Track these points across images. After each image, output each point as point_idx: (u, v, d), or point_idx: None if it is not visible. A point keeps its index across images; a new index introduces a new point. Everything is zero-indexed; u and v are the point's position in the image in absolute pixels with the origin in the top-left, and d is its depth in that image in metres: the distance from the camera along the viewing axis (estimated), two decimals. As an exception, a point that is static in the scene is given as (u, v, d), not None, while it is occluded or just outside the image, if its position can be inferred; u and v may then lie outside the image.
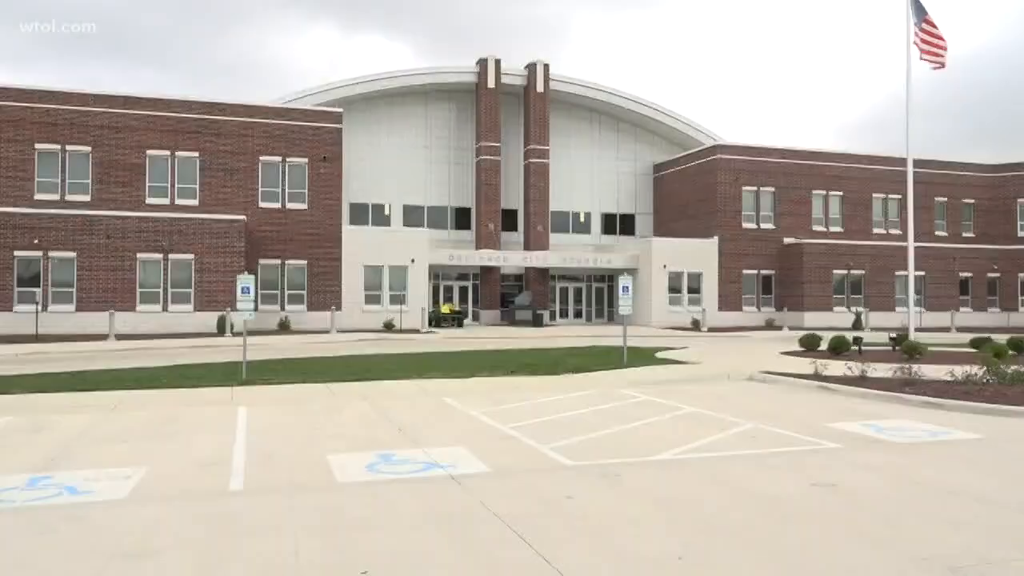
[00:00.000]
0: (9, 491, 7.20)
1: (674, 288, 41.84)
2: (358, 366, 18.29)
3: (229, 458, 8.67)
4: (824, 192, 44.75)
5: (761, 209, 43.65)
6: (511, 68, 43.92)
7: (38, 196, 32.14)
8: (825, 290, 42.20)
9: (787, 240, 43.48)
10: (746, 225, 43.29)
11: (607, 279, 45.48)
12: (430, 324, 36.92)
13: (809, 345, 23.06)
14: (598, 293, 46.06)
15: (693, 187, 44.73)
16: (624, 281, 19.19)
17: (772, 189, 43.71)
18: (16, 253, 29.58)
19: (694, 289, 42.25)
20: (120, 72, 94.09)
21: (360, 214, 42.30)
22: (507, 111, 44.45)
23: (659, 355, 21.62)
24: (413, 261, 36.91)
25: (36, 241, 29.74)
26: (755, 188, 43.45)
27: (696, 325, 39.05)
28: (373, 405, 12.71)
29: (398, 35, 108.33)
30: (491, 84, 43.06)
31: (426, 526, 6.20)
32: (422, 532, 6.04)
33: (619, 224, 48.28)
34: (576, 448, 9.24)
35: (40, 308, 29.24)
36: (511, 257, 42.31)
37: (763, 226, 43.61)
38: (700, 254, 42.28)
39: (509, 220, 44.90)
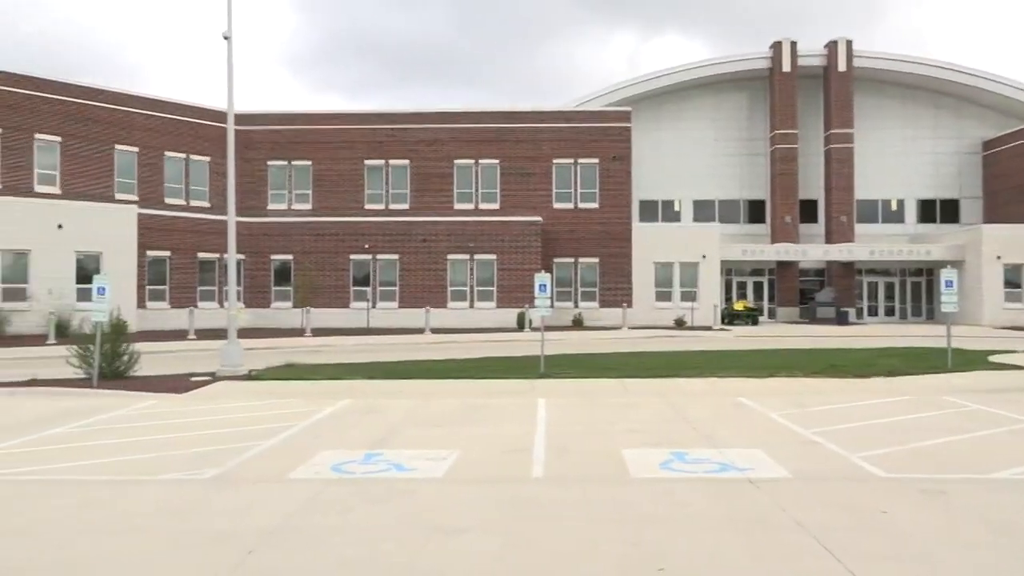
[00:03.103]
0: (350, 463, 8.33)
1: (1011, 282, 36.34)
2: (650, 362, 18.34)
3: (530, 446, 9.18)
4: None
5: None
6: (808, 50, 41.29)
7: (367, 206, 36.68)
8: None
9: None
10: (1109, 206, 36.35)
11: (924, 273, 40.80)
12: (722, 321, 35.93)
13: None
14: (914, 288, 41.49)
15: (1035, 164, 38.51)
16: (947, 275, 17.19)
17: None
18: (351, 257, 34.06)
19: (1037, 283, 36.38)
20: (441, 92, 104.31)
21: (649, 211, 42.41)
22: (804, 95, 41.74)
23: (992, 359, 18.90)
24: (704, 257, 36.21)
25: (366, 246, 33.98)
26: (1121, 161, 36.30)
27: (1040, 324, 33.57)
28: (666, 402, 12.68)
29: (694, 33, 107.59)
30: (786, 68, 40.82)
31: (721, 528, 6.04)
32: (717, 534, 5.90)
33: (938, 211, 43.09)
34: (890, 459, 8.41)
35: (370, 305, 33.37)
36: (811, 251, 39.71)
37: None
38: (1046, 242, 36.26)
39: (808, 211, 42.16)
